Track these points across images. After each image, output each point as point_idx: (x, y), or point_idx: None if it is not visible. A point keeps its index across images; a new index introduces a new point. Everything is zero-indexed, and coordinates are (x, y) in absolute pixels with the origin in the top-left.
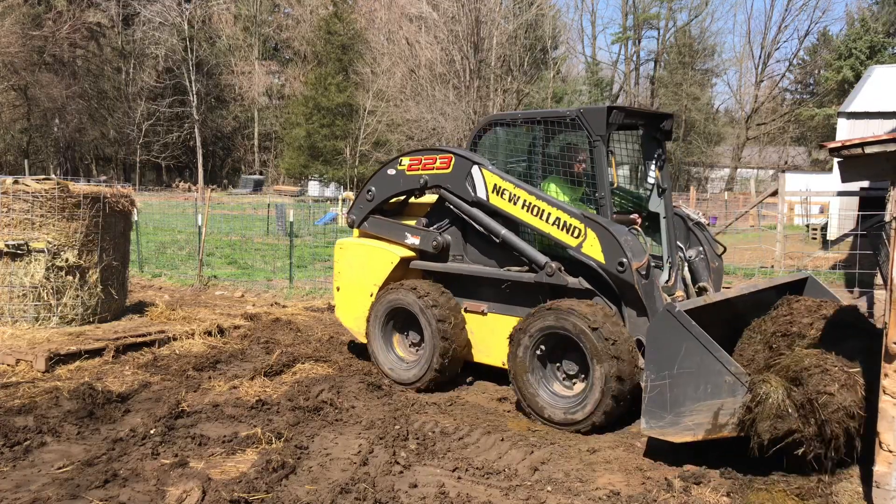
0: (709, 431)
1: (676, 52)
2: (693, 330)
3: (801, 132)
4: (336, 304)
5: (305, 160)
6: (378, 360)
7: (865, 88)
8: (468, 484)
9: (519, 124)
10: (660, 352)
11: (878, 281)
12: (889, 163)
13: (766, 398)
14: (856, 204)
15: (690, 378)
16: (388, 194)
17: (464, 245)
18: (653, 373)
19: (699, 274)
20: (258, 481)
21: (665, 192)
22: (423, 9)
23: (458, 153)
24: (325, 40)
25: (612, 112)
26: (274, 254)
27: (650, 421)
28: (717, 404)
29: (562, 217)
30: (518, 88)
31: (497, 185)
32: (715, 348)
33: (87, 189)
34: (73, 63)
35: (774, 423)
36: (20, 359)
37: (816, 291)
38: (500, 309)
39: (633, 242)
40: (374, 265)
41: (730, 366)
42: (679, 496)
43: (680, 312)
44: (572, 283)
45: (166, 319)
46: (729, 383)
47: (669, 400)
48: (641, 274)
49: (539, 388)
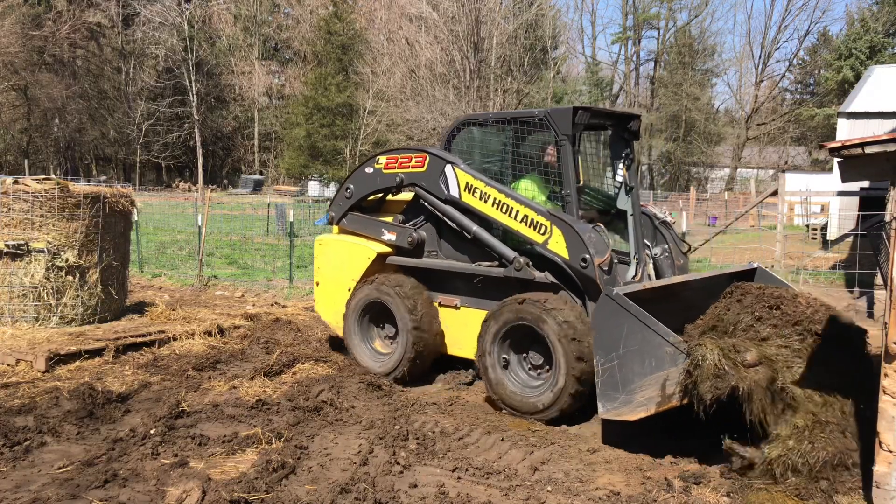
0: (659, 404)
1: (676, 52)
2: (631, 309)
3: (801, 132)
4: (316, 299)
5: (305, 160)
6: (354, 353)
7: (865, 88)
8: (468, 484)
9: (490, 124)
10: (605, 335)
11: (878, 281)
12: (889, 163)
13: (704, 360)
14: (856, 204)
15: (636, 355)
16: (366, 192)
17: (438, 241)
18: (602, 357)
19: (663, 271)
20: (258, 481)
21: (632, 190)
22: (423, 9)
23: (433, 152)
24: (325, 40)
25: (578, 112)
26: (274, 254)
27: (606, 404)
28: (663, 376)
29: (529, 214)
30: (518, 88)
31: (469, 183)
32: (653, 322)
33: (87, 189)
34: (73, 63)
35: (714, 384)
36: (20, 359)
37: (765, 280)
38: (473, 303)
39: (596, 239)
40: (351, 261)
41: (668, 337)
42: (679, 496)
43: (618, 294)
44: (539, 277)
45: (166, 319)
46: (670, 354)
47: (620, 380)
48: (603, 270)
49: (506, 378)
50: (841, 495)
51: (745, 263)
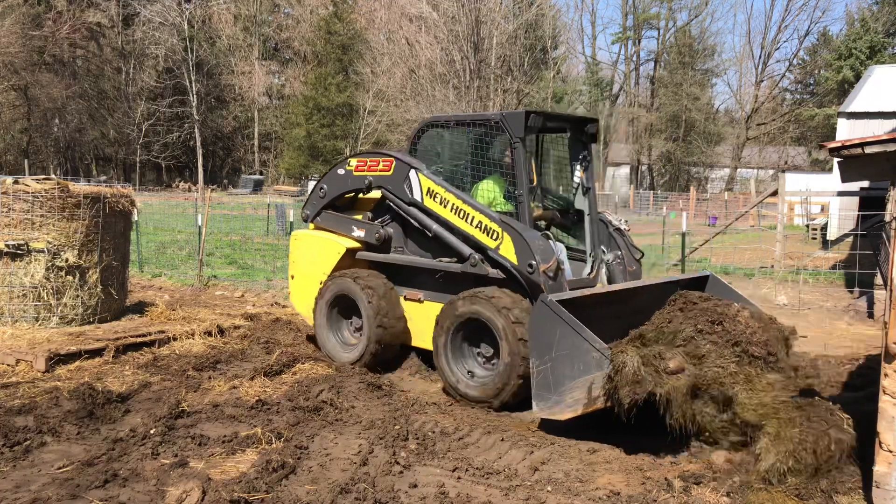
0: (586, 405)
1: (676, 52)
2: (564, 315)
3: (801, 132)
4: (291, 292)
5: (305, 160)
6: (323, 343)
7: (865, 88)
8: (468, 484)
9: (451, 126)
10: (540, 339)
11: (878, 281)
12: (889, 163)
13: (623, 366)
14: (856, 204)
15: (567, 359)
16: (338, 192)
17: (404, 238)
18: (537, 359)
19: (615, 277)
20: (258, 481)
21: (589, 192)
22: (423, 9)
23: (399, 157)
24: (325, 40)
25: (531, 116)
26: (274, 254)
27: (539, 403)
28: (590, 379)
29: (483, 221)
30: (518, 88)
31: (430, 188)
32: (581, 329)
33: (87, 189)
34: (73, 63)
35: (633, 389)
36: (20, 359)
37: (717, 289)
38: (435, 297)
39: (543, 246)
40: (323, 255)
41: (595, 343)
42: (679, 496)
43: (552, 301)
44: (493, 273)
45: (166, 319)
46: (596, 359)
47: (552, 381)
48: (549, 276)
49: (457, 368)
50: (841, 495)
51: (698, 271)
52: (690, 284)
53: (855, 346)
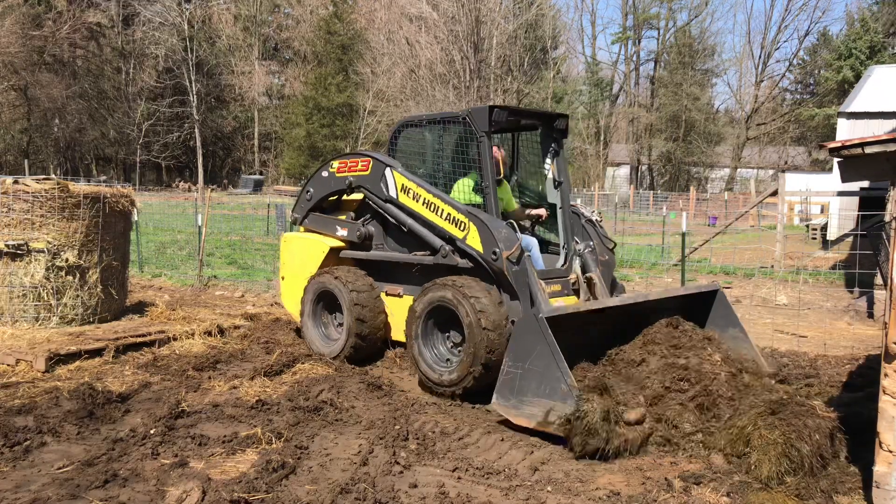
0: (540, 424)
1: (676, 52)
2: (547, 337)
3: (801, 132)
4: (281, 292)
5: (305, 160)
6: (308, 338)
7: (865, 88)
8: (468, 484)
9: (424, 125)
10: (519, 346)
11: (878, 281)
12: (889, 163)
13: (584, 416)
14: (856, 204)
15: (536, 376)
16: (323, 194)
17: (384, 236)
18: (510, 360)
19: (588, 266)
20: (258, 481)
21: (561, 185)
22: (423, 9)
23: (376, 157)
24: (325, 40)
25: (495, 111)
26: (274, 254)
27: (499, 399)
28: (551, 405)
29: (451, 213)
30: (518, 88)
31: (404, 184)
32: (560, 359)
33: (87, 189)
34: (73, 63)
35: (585, 440)
36: (20, 359)
37: (723, 307)
38: (413, 291)
39: (506, 234)
40: (309, 255)
41: (567, 377)
42: (679, 496)
43: (542, 319)
44: (462, 263)
45: (166, 319)
46: (564, 391)
47: (517, 387)
48: (511, 262)
49: (427, 354)
50: (841, 495)
51: (708, 283)
52: (697, 299)
53: (855, 346)
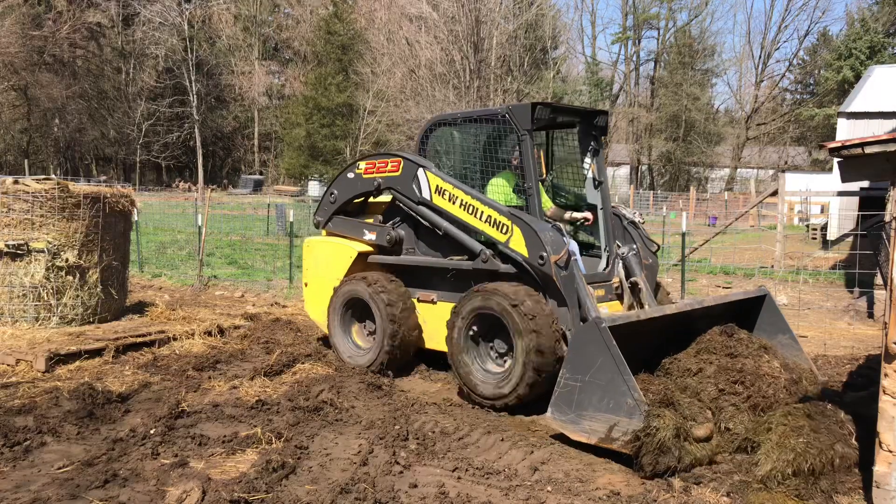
0: (601, 440)
1: (676, 52)
2: (612, 349)
3: (801, 132)
4: (305, 299)
5: (305, 160)
6: (337, 348)
7: (865, 88)
8: (468, 484)
9: (459, 123)
10: (578, 357)
11: (878, 281)
12: (889, 163)
13: (655, 433)
14: (856, 204)
15: (599, 389)
16: (349, 196)
17: (416, 239)
18: (568, 372)
19: (632, 269)
20: (258, 481)
21: (601, 185)
22: (423, 9)
23: (407, 157)
24: (325, 40)
25: (537, 108)
26: (274, 254)
27: (555, 412)
28: (615, 420)
29: (492, 215)
30: (518, 88)
31: (439, 185)
32: (626, 372)
33: (87, 189)
34: (73, 63)
35: (656, 458)
36: (20, 359)
37: (771, 313)
38: (448, 297)
39: (553, 237)
40: (335, 261)
41: (634, 391)
42: (679, 496)
43: (604, 329)
44: (504, 268)
45: (166, 319)
46: (629, 405)
47: (576, 401)
48: (560, 266)
49: (473, 366)
50: (841, 495)
51: (754, 289)
52: (744, 305)
53: (855, 346)
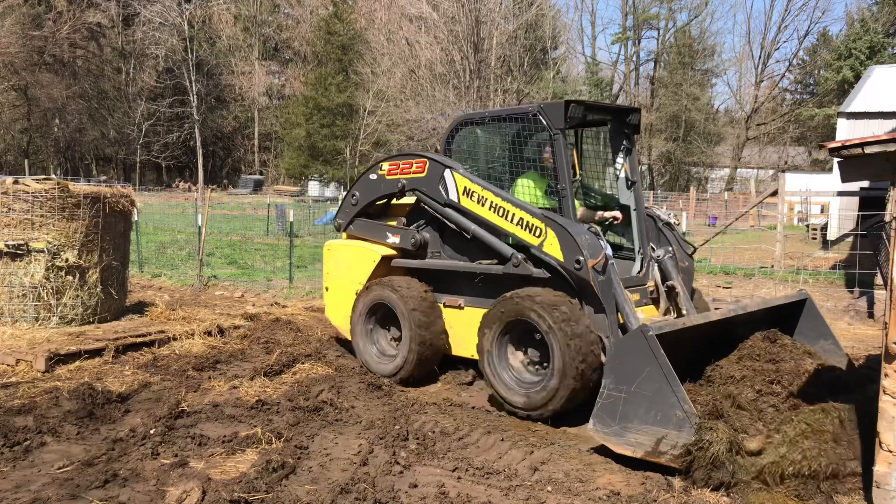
0: (648, 453)
1: (676, 52)
2: (659, 359)
3: (801, 132)
4: (325, 304)
5: (305, 160)
6: (361, 355)
7: (865, 88)
8: (468, 484)
9: (487, 122)
10: (623, 366)
11: (878, 281)
12: (889, 163)
13: (708, 447)
14: (856, 204)
15: (645, 400)
16: (371, 198)
17: (441, 242)
18: (612, 382)
19: (668, 273)
20: (258, 481)
21: (634, 186)
22: (423, 9)
23: (432, 158)
24: (325, 40)
25: (571, 106)
26: (274, 254)
27: (597, 424)
28: (663, 433)
29: (525, 217)
30: (518, 88)
31: (467, 187)
32: (674, 382)
33: (87, 189)
34: (73, 63)
35: (709, 473)
36: (20, 359)
37: (812, 318)
38: (476, 302)
39: (590, 241)
40: (358, 264)
41: (683, 403)
42: (679, 496)
43: (652, 337)
44: (537, 272)
45: (166, 319)
46: (679, 418)
47: (620, 412)
48: (597, 271)
49: (505, 374)
50: (841, 495)
51: (794, 294)
52: (784, 310)
53: (855, 346)
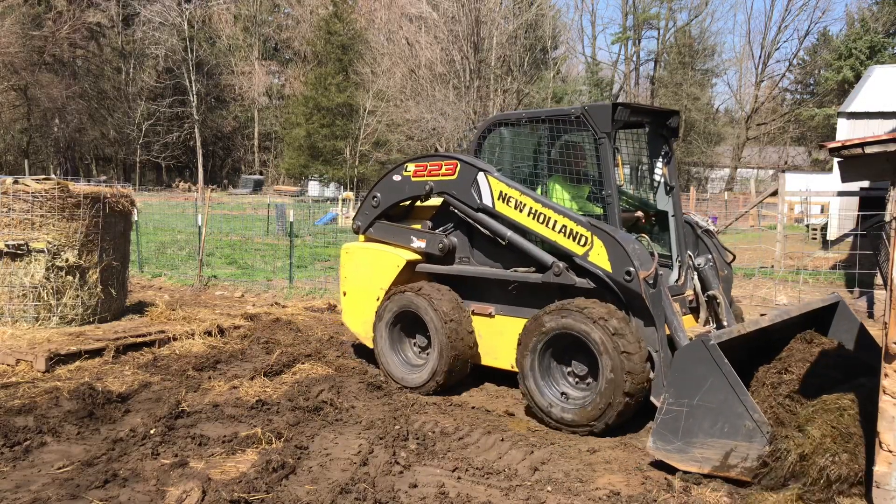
0: (716, 468)
1: (676, 52)
2: (724, 368)
3: (801, 132)
4: (343, 309)
5: (305, 160)
6: (385, 365)
7: (865, 88)
8: (468, 484)
9: (523, 123)
10: (684, 379)
11: (878, 281)
12: (889, 163)
13: (786, 455)
14: (856, 204)
15: (710, 413)
16: (394, 200)
17: (470, 248)
18: (672, 397)
19: (709, 282)
20: (258, 481)
21: (673, 190)
22: (423, 9)
23: (464, 160)
24: (325, 40)
25: (618, 109)
26: (274, 254)
27: (657, 442)
28: (731, 445)
29: (568, 225)
30: (518, 88)
31: (503, 192)
32: (742, 391)
33: (87, 189)
34: (73, 63)
35: (786, 483)
36: (20, 359)
37: (846, 319)
38: (508, 311)
39: (640, 251)
40: (380, 269)
41: (753, 412)
42: (679, 496)
43: (713, 346)
44: (580, 282)
45: (166, 319)
46: (748, 428)
47: (682, 428)
48: (649, 283)
49: (548, 389)
50: (841, 495)
51: (828, 296)
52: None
53: None
